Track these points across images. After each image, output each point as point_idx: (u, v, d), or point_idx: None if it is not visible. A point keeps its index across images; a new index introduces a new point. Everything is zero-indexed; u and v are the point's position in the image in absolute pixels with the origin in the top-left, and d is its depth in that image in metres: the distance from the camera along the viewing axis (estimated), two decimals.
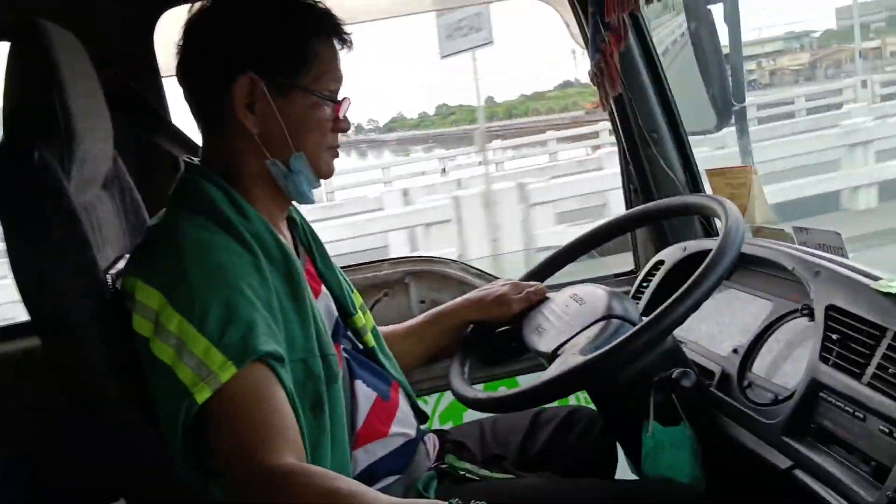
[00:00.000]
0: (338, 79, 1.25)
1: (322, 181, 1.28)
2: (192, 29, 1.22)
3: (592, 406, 1.68)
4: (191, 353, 1.02)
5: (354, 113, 1.30)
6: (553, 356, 1.35)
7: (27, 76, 1.07)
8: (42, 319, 1.05)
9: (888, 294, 1.14)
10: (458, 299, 1.57)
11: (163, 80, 1.68)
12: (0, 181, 1.02)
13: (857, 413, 1.11)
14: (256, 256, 1.14)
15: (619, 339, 1.22)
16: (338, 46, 1.25)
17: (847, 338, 1.17)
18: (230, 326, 1.03)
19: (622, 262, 2.17)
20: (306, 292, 1.19)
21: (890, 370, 1.07)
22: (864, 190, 9.61)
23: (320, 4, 1.24)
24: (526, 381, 1.84)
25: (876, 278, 1.19)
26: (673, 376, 1.28)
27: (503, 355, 1.62)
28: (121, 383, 1.07)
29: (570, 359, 1.28)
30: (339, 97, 1.25)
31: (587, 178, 10.49)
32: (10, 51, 1.08)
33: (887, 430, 1.05)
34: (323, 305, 1.26)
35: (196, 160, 1.28)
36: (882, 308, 1.13)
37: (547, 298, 1.50)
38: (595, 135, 17.50)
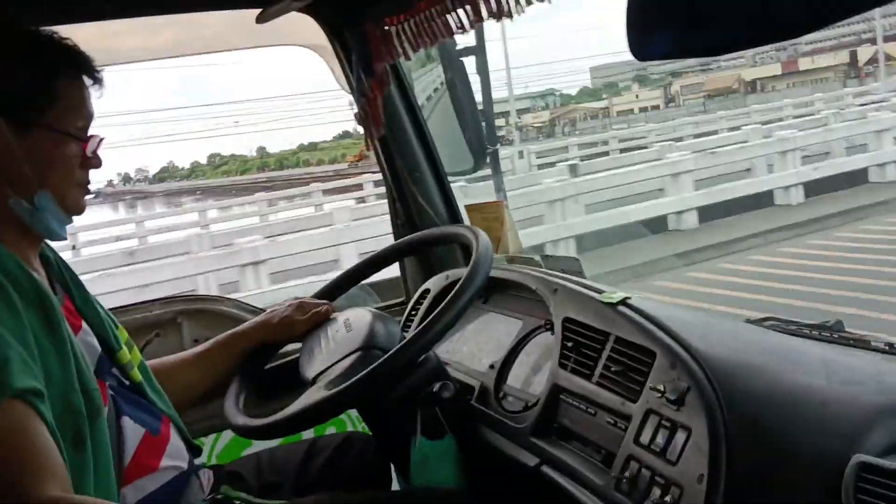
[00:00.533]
0: (85, 116, 1.24)
1: (74, 218, 1.26)
2: None
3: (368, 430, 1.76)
4: None
5: (123, 163, 1.29)
6: (312, 383, 1.42)
7: None
8: None
9: (609, 304, 1.32)
10: (248, 322, 1.61)
11: None
12: None
13: (589, 409, 1.27)
14: (7, 293, 1.10)
15: (357, 377, 1.29)
16: (88, 83, 1.24)
17: (580, 345, 1.34)
18: None
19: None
20: (63, 327, 1.16)
21: (612, 369, 1.25)
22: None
23: (66, 42, 1.23)
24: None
25: (601, 291, 1.38)
26: (434, 390, 1.39)
27: (271, 392, 1.66)
28: None
29: (314, 393, 1.35)
30: (90, 133, 1.25)
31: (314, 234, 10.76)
32: None
33: (612, 422, 1.22)
34: (83, 341, 1.24)
35: None
36: (605, 316, 1.32)
37: (332, 319, 1.56)
38: (360, 186, 17.81)
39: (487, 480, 1.47)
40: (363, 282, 1.79)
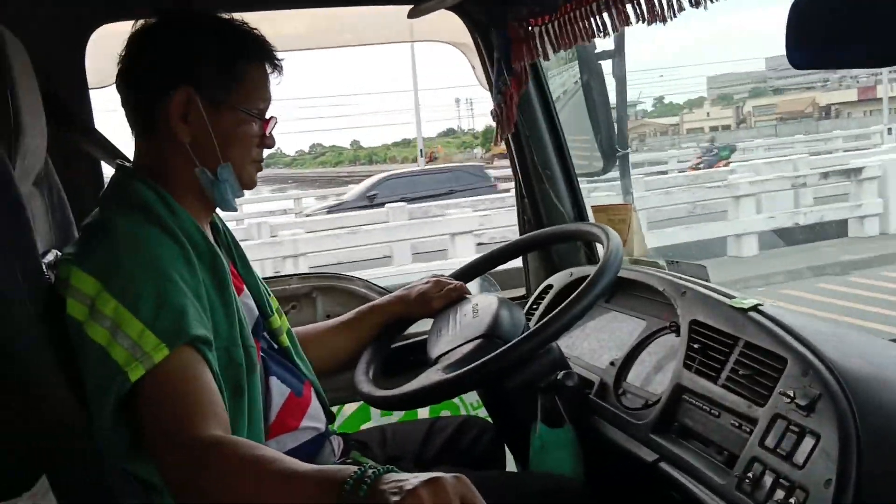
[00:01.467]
0: (266, 99, 1.35)
1: (245, 192, 1.38)
2: (136, 41, 1.31)
3: (484, 415, 1.83)
4: (125, 335, 1.09)
5: None
6: (434, 363, 1.49)
7: None
8: None
9: (740, 309, 1.34)
10: (387, 296, 1.71)
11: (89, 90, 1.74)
12: None
13: (713, 411, 1.29)
14: (186, 250, 1.22)
15: (475, 364, 1.35)
16: (268, 70, 1.36)
17: (707, 347, 1.36)
18: (163, 311, 1.11)
19: None
20: (231, 287, 1.28)
21: (740, 372, 1.26)
22: None
23: (255, 31, 1.35)
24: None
25: (731, 297, 1.39)
26: (557, 378, 1.44)
27: (400, 367, 1.74)
28: (51, 361, 1.11)
29: (433, 374, 1.42)
30: (267, 116, 1.37)
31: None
32: None
33: (737, 424, 1.24)
34: (244, 303, 1.35)
35: (127, 164, 1.36)
36: (735, 321, 1.33)
37: (465, 298, 1.63)
38: None
39: (603, 471, 1.50)
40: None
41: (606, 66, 2.19)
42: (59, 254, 1.31)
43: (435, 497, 0.85)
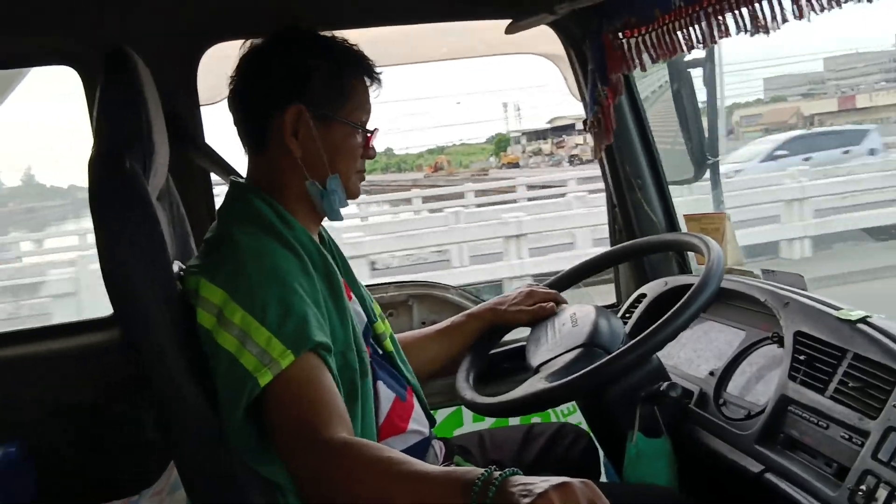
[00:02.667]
0: (368, 111, 1.42)
1: (350, 199, 1.43)
2: (247, 62, 1.39)
3: (582, 425, 1.85)
4: (254, 343, 1.15)
5: None
6: (535, 371, 1.52)
7: (117, 94, 1.21)
8: (123, 306, 1.17)
9: (848, 321, 1.33)
10: (481, 305, 1.76)
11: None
12: (95, 185, 1.15)
13: (820, 423, 1.29)
14: (303, 260, 1.29)
15: (579, 373, 1.38)
16: (367, 83, 1.42)
17: (813, 359, 1.36)
18: (287, 319, 1.17)
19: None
20: (343, 293, 1.34)
21: (850, 385, 1.26)
22: None
23: (356, 47, 1.42)
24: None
25: (838, 308, 1.38)
26: (661, 389, 1.45)
27: (496, 373, 1.78)
28: (183, 365, 1.18)
29: (537, 383, 1.45)
30: (370, 127, 1.43)
31: None
32: (105, 74, 1.22)
33: (847, 437, 1.23)
34: (354, 310, 1.41)
35: (241, 179, 1.44)
36: (843, 333, 1.32)
37: (559, 310, 1.66)
38: (461, 195, 17.28)
39: (702, 482, 1.50)
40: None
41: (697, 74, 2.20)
42: (181, 265, 1.39)
43: (565, 500, 0.88)
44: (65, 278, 9.06)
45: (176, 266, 1.40)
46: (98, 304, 1.90)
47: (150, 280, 1.15)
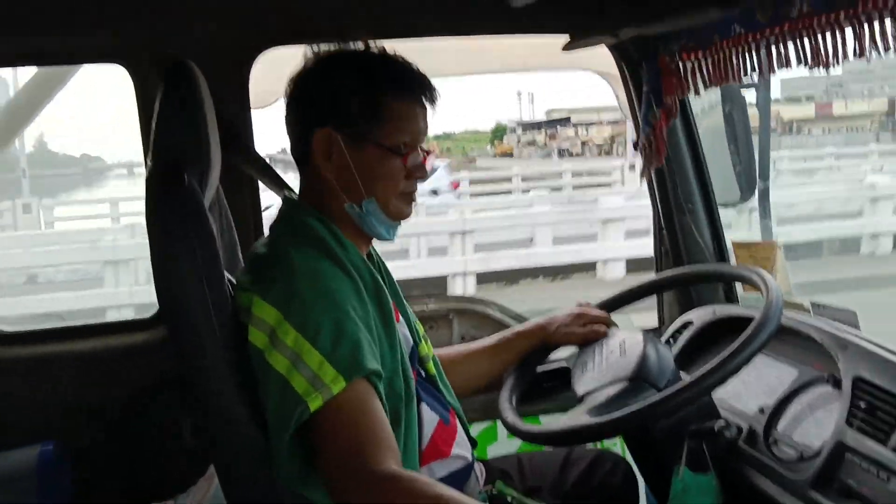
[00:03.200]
0: (412, 132, 1.36)
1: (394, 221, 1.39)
2: (295, 79, 1.38)
3: (617, 450, 1.83)
4: (306, 366, 1.14)
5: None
6: (580, 400, 1.49)
7: (176, 108, 1.20)
8: (176, 321, 1.16)
9: None
10: (528, 323, 1.73)
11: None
12: (154, 200, 1.14)
13: (880, 474, 1.25)
14: (356, 283, 1.27)
15: (625, 411, 1.34)
16: (410, 101, 1.36)
17: (874, 407, 1.32)
18: (340, 344, 1.16)
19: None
20: (393, 317, 1.32)
21: None
22: None
23: (402, 63, 1.37)
24: (547, 420, 1.96)
25: None
26: (716, 429, 1.42)
27: (537, 394, 1.75)
28: (233, 382, 1.18)
29: (580, 416, 1.42)
30: (425, 147, 1.39)
31: None
32: (165, 86, 1.21)
33: None
34: (401, 333, 1.39)
35: (294, 195, 1.42)
36: None
37: (606, 335, 1.63)
38: None
39: None
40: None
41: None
42: (229, 276, 1.38)
43: None
44: None
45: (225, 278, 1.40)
46: None
47: (204, 297, 1.15)
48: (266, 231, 1.56)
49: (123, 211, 14.94)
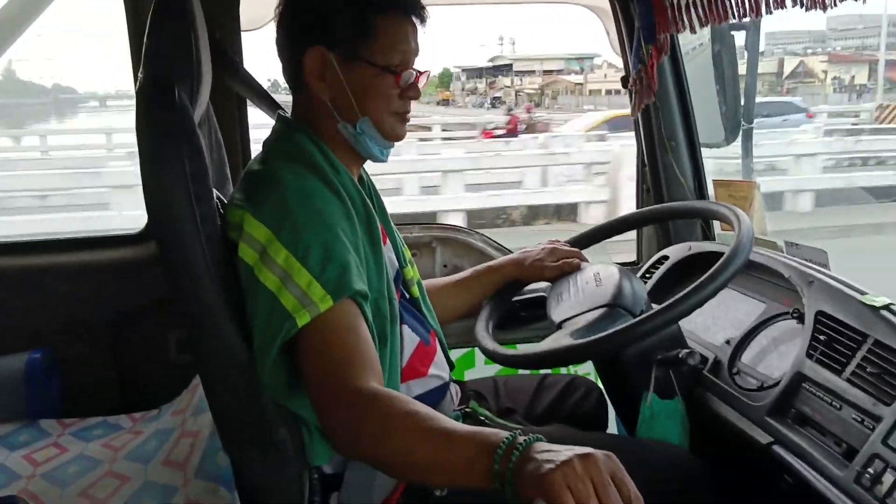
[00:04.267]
0: (404, 50, 1.36)
1: (393, 143, 1.42)
2: (280, 4, 1.37)
3: (590, 376, 1.89)
4: (295, 284, 1.17)
5: None
6: (558, 327, 1.54)
7: (169, 22, 1.21)
8: (164, 234, 1.18)
9: (872, 307, 1.35)
10: (502, 258, 1.76)
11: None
12: (144, 113, 1.15)
13: (834, 403, 1.32)
14: (346, 205, 1.30)
15: (602, 333, 1.39)
16: (401, 20, 1.35)
17: (832, 340, 1.38)
18: (329, 264, 1.19)
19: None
20: (380, 240, 1.35)
21: (868, 369, 1.29)
22: None
23: None
24: (524, 348, 2.02)
25: (863, 293, 1.40)
26: (679, 356, 1.49)
27: (513, 322, 1.81)
28: (220, 296, 1.20)
29: (562, 339, 1.46)
30: (418, 68, 1.39)
31: None
32: (156, 4, 1.21)
33: (859, 419, 1.27)
34: (387, 256, 1.43)
35: (286, 114, 1.44)
36: (866, 318, 1.35)
37: (579, 269, 1.67)
38: None
39: (712, 446, 1.55)
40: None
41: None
42: (218, 193, 1.40)
43: (588, 471, 0.91)
44: None
45: (214, 194, 1.42)
46: None
47: (192, 211, 1.16)
48: (254, 153, 1.58)
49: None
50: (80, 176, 10.21)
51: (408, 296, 1.51)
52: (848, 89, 36.48)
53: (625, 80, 1.99)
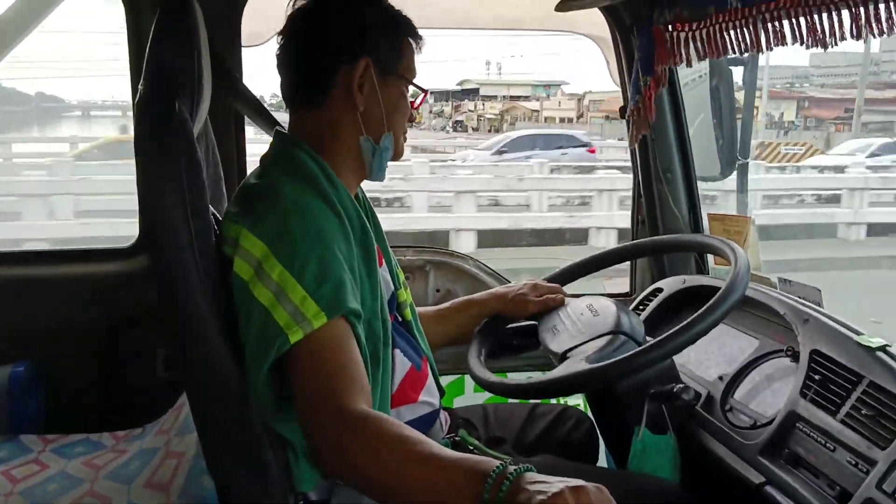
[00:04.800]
0: (415, 73, 1.42)
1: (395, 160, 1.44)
2: (304, 16, 1.36)
3: (580, 407, 1.88)
4: (289, 300, 1.16)
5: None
6: (563, 357, 1.52)
7: (172, 36, 1.20)
8: (160, 249, 1.17)
9: (868, 347, 1.34)
10: (484, 293, 1.74)
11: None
12: (143, 127, 1.14)
13: (828, 444, 1.31)
14: (343, 223, 1.29)
15: (623, 356, 1.38)
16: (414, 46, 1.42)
17: (827, 380, 1.37)
18: (324, 282, 1.18)
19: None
20: (376, 260, 1.34)
21: (863, 411, 1.28)
22: None
23: (398, 9, 1.41)
24: (515, 377, 2.00)
25: (858, 333, 1.40)
26: (674, 390, 1.47)
27: (504, 350, 1.79)
28: (211, 311, 1.18)
29: (578, 364, 1.44)
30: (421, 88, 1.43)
31: None
32: (161, 12, 1.20)
33: (853, 462, 1.25)
34: (382, 277, 1.41)
35: (284, 129, 1.43)
36: (861, 359, 1.34)
37: (564, 304, 1.66)
38: None
39: (702, 484, 1.53)
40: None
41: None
42: (213, 210, 1.39)
43: (580, 503, 0.90)
44: None
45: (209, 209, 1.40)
46: None
47: (187, 225, 1.15)
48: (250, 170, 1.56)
49: None
50: None
51: (401, 318, 1.50)
52: (777, 125, 36.95)
53: (622, 110, 1.99)
